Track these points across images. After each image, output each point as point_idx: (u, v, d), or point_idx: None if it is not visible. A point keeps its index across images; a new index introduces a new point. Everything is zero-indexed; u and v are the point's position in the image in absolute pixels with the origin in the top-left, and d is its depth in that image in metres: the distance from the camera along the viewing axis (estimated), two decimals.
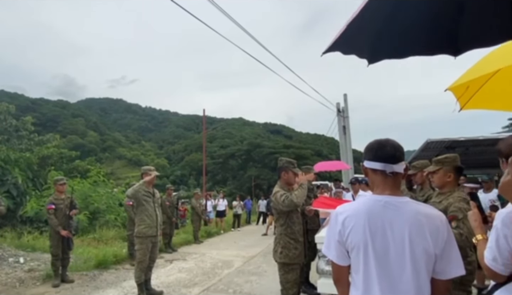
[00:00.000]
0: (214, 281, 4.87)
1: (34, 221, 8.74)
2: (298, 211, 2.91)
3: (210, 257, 6.78)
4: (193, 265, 6.02)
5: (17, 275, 4.94)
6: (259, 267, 5.80)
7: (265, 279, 4.97)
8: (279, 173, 2.95)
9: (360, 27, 1.34)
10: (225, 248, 8.00)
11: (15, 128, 17.58)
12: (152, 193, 4.18)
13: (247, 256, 6.82)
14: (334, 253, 1.19)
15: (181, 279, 4.98)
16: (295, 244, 2.77)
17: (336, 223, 1.18)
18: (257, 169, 59.35)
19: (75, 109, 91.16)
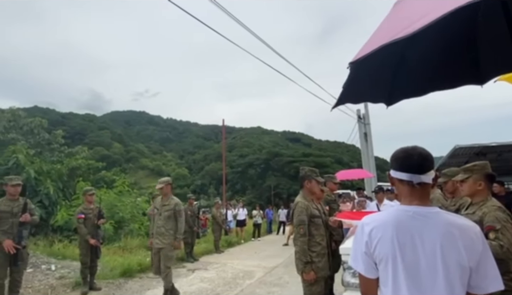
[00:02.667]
0: (236, 291, 4.85)
1: (64, 229, 9.13)
2: (322, 222, 2.86)
3: (231, 267, 6.77)
4: (215, 274, 6.03)
5: (49, 282, 5.16)
6: (280, 278, 5.71)
7: (287, 291, 4.89)
8: (302, 182, 2.93)
9: (369, 76, 1.32)
10: (246, 258, 7.96)
11: (47, 142, 18.69)
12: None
13: (268, 267, 6.74)
14: (362, 265, 1.16)
15: (203, 289, 5.00)
16: (319, 257, 2.71)
17: (362, 234, 1.16)
18: (276, 178, 59.00)
19: (101, 122, 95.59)
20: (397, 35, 0.97)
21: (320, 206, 3.01)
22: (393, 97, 1.57)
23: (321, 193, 3.22)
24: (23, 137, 17.74)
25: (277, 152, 66.95)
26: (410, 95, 1.57)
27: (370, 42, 1.16)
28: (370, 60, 1.12)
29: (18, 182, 3.91)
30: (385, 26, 1.21)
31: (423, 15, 0.91)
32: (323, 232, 2.85)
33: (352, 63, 1.14)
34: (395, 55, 1.37)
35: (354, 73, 1.22)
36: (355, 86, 1.31)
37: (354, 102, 1.50)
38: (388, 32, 1.08)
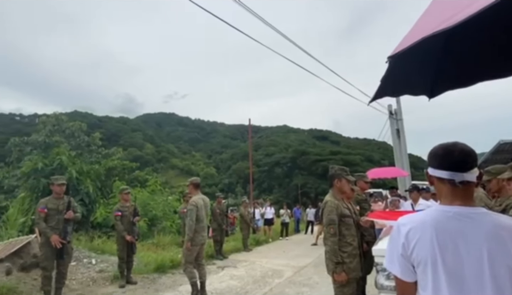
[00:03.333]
0: (265, 290, 4.87)
1: (102, 226, 9.73)
2: (353, 222, 2.78)
3: (260, 265, 6.80)
4: (244, 273, 6.10)
5: (90, 275, 5.51)
6: (310, 278, 5.64)
7: (317, 292, 4.82)
8: (331, 181, 2.86)
9: (410, 68, 1.27)
10: (274, 257, 7.97)
11: (87, 144, 20.04)
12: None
13: (297, 266, 6.69)
14: (398, 268, 1.11)
15: (233, 286, 5.08)
16: (350, 258, 2.64)
17: (399, 235, 1.11)
18: (303, 177, 58.32)
19: (134, 124, 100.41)
20: (439, 26, 0.93)
21: (350, 205, 2.93)
22: (436, 89, 1.50)
23: (351, 192, 3.13)
24: (66, 140, 19.16)
25: (304, 150, 66.13)
26: (456, 86, 1.48)
27: (410, 35, 1.13)
28: (410, 53, 1.09)
29: (63, 181, 4.23)
30: (426, 18, 1.16)
31: (468, 5, 0.86)
32: (354, 232, 2.77)
33: (391, 57, 1.11)
34: (438, 47, 1.30)
35: (393, 67, 1.18)
36: (394, 80, 1.27)
37: (393, 96, 1.46)
38: (429, 24, 1.04)
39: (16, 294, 4.25)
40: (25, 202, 9.66)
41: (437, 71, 1.43)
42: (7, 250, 5.16)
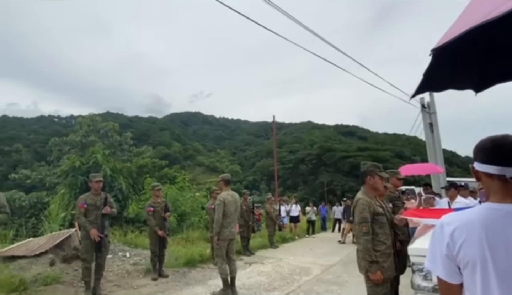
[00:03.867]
0: (293, 287, 4.85)
1: (135, 221, 10.21)
2: (386, 220, 2.68)
3: (287, 262, 6.79)
4: (271, 269, 6.12)
5: (125, 267, 5.79)
6: (339, 276, 5.54)
7: (347, 290, 4.72)
8: (364, 178, 2.77)
9: (455, 62, 1.18)
10: (301, 254, 7.91)
11: (119, 143, 21.12)
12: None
13: (325, 265, 6.59)
14: (442, 269, 1.05)
15: (261, 282, 5.11)
16: (383, 257, 2.55)
17: (442, 235, 1.05)
18: (329, 174, 57.20)
19: (162, 123, 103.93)
20: (485, 17, 0.87)
21: (383, 203, 2.82)
22: (484, 82, 1.41)
23: (384, 189, 3.01)
24: (100, 139, 20.30)
25: (330, 146, 64.77)
26: (506, 79, 1.38)
27: (455, 27, 1.06)
28: (455, 46, 1.03)
29: (100, 178, 4.48)
30: (470, 9, 1.09)
31: None
32: (388, 231, 2.66)
33: (434, 49, 1.05)
34: (485, 38, 1.22)
35: (437, 60, 1.12)
36: (438, 74, 1.20)
37: (436, 91, 1.38)
38: (474, 15, 0.97)
39: (59, 283, 4.56)
40: (65, 198, 10.38)
41: (484, 64, 1.33)
42: (50, 243, 5.56)
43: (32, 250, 5.29)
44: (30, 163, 47.62)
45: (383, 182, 2.79)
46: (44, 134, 68.73)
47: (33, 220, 12.23)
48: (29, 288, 4.16)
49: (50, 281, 4.47)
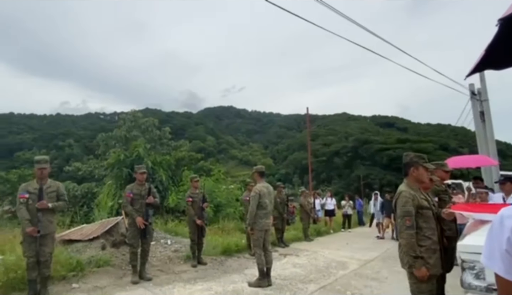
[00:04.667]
0: (330, 280, 4.79)
1: (174, 211, 10.74)
2: (432, 215, 2.52)
3: (323, 256, 6.72)
4: (306, 262, 6.10)
5: (167, 254, 6.14)
6: (378, 272, 5.36)
7: (386, 287, 4.56)
8: (407, 170, 2.63)
9: None
10: (337, 248, 7.77)
11: (158, 137, 22.27)
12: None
13: (362, 259, 6.41)
14: (501, 265, 0.97)
15: (296, 274, 5.13)
16: (428, 253, 2.41)
17: (502, 229, 0.97)
18: (366, 167, 55.06)
19: (196, 118, 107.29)
20: None
21: (429, 196, 2.65)
22: None
23: (430, 182, 2.84)
24: (141, 134, 21.58)
25: (366, 138, 62.14)
26: None
27: None
28: None
29: (144, 170, 4.78)
30: None
31: None
32: (434, 226, 2.51)
33: (502, 19, 0.92)
34: None
35: (504, 32, 0.98)
36: (504, 48, 1.07)
37: (498, 68, 1.22)
38: None
39: (110, 266, 4.98)
40: (112, 189, 11.22)
41: None
42: (101, 229, 6.06)
43: (86, 235, 5.82)
44: (81, 156, 52.13)
45: (428, 173, 2.62)
46: (91, 130, 74.61)
47: (85, 208, 13.41)
48: (84, 269, 4.60)
49: (102, 264, 4.89)
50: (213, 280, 4.70)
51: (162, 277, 4.75)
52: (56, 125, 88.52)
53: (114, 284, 4.32)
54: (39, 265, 3.66)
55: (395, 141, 58.03)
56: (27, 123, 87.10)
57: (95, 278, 4.46)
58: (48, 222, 3.74)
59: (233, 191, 12.21)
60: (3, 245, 5.27)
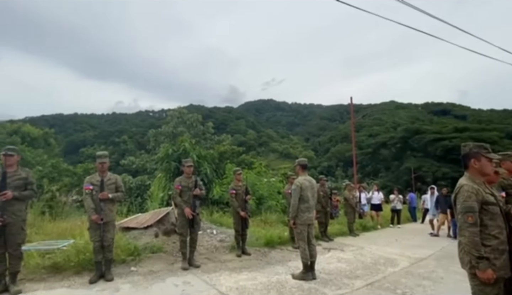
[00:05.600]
0: (378, 277, 4.59)
1: (218, 202, 11.15)
2: (500, 211, 2.26)
3: (369, 251, 6.45)
4: (352, 257, 5.92)
5: (213, 243, 6.43)
6: (432, 271, 4.99)
7: (442, 287, 4.23)
8: (467, 162, 2.38)
9: None
10: (385, 244, 7.40)
11: (202, 132, 23.28)
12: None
13: (414, 257, 6.02)
14: None
15: (342, 269, 5.01)
16: (495, 253, 2.17)
17: None
18: (417, 159, 51.15)
19: (237, 112, 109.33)
20: None
21: (494, 191, 2.37)
22: None
23: (495, 174, 2.53)
24: (187, 130, 22.74)
25: (418, 128, 57.46)
26: None
27: None
28: None
29: (191, 163, 5.04)
30: None
31: None
32: (502, 224, 2.24)
33: None
34: None
35: None
36: None
37: None
38: None
39: (162, 252, 5.37)
40: (162, 181, 12.00)
41: None
42: (154, 218, 6.56)
43: (141, 223, 6.34)
44: (134, 151, 56.68)
45: (492, 165, 2.34)
46: (142, 126, 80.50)
47: (139, 199, 14.61)
48: (141, 254, 5.03)
49: (156, 250, 5.31)
50: (257, 270, 4.81)
51: (209, 265, 5.00)
52: (112, 123, 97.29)
53: (167, 269, 4.65)
54: (103, 249, 4.10)
55: (451, 130, 52.79)
56: (88, 122, 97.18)
57: (150, 263, 4.86)
58: (109, 211, 4.16)
59: (274, 183, 12.26)
60: (73, 231, 6.01)
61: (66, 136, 77.70)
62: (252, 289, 3.90)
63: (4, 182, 3.51)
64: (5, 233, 3.46)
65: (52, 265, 4.23)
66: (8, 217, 3.47)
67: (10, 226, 3.49)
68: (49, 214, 7.71)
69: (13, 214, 3.53)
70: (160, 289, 3.85)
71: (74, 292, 3.66)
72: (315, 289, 3.96)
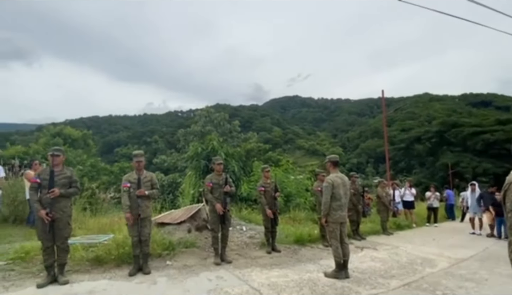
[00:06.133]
0: (415, 278, 4.40)
1: (247, 199, 11.25)
2: None
3: (405, 251, 6.19)
4: (386, 256, 5.71)
5: (243, 239, 6.49)
6: (475, 273, 4.68)
7: (486, 290, 3.95)
8: None
9: None
10: (421, 244, 7.06)
11: (229, 130, 23.65)
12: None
13: (454, 258, 5.69)
14: None
15: (376, 268, 4.86)
16: None
17: None
18: (455, 154, 48.02)
19: (262, 110, 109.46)
20: None
21: None
22: None
23: None
24: (214, 128, 23.21)
25: (455, 121, 53.85)
26: None
27: None
28: None
29: (221, 161, 5.15)
30: None
31: None
32: None
33: None
34: None
35: None
36: None
37: None
38: None
39: (195, 247, 5.53)
40: (192, 178, 12.34)
41: None
42: (186, 214, 6.76)
43: (174, 219, 6.58)
44: (165, 150, 58.86)
45: None
46: (172, 126, 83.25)
47: (171, 196, 15.15)
48: (175, 249, 5.22)
49: (189, 245, 5.48)
50: (288, 267, 4.80)
51: (240, 261, 5.07)
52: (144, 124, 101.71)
53: (200, 264, 4.80)
54: (141, 243, 4.32)
55: (493, 122, 48.86)
56: (122, 123, 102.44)
57: (184, 257, 5.03)
58: (145, 207, 4.36)
59: (302, 181, 12.13)
60: (113, 226, 6.38)
61: (102, 137, 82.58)
62: (284, 286, 3.90)
63: (52, 180, 3.75)
64: (54, 227, 3.70)
65: (94, 258, 4.52)
66: (56, 213, 3.72)
67: (58, 221, 3.73)
68: (90, 210, 8.25)
69: (60, 210, 3.77)
70: (195, 283, 3.97)
71: (115, 284, 3.89)
72: (348, 288, 3.88)
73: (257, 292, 3.68)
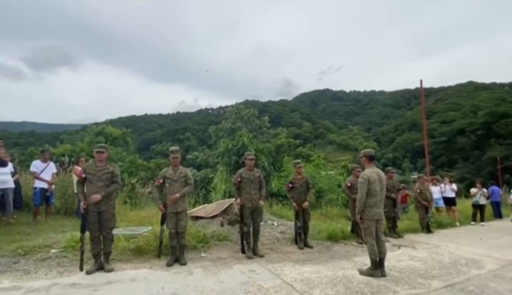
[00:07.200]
0: (460, 279, 4.12)
1: (277, 195, 11.28)
2: None
3: (447, 250, 5.81)
4: (426, 255, 5.41)
5: (274, 234, 6.52)
6: None
7: None
8: None
9: None
10: (466, 243, 6.58)
11: (259, 126, 23.76)
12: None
13: (504, 259, 5.23)
14: None
15: (415, 267, 4.62)
16: None
17: None
18: (504, 147, 43.95)
19: (292, 105, 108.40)
20: None
21: None
22: None
23: None
24: (244, 125, 23.47)
25: (505, 111, 49.16)
26: None
27: None
28: None
29: (252, 156, 5.20)
30: None
31: None
32: None
33: None
34: None
35: None
36: None
37: None
38: None
39: (228, 241, 5.67)
40: (223, 174, 12.65)
41: None
42: (219, 209, 6.94)
43: (208, 213, 6.79)
44: (197, 147, 60.71)
45: None
46: (203, 124, 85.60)
47: (203, 191, 15.63)
48: (209, 242, 5.40)
49: (222, 238, 5.63)
50: (321, 263, 4.74)
51: (272, 255, 5.11)
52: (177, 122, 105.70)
53: (233, 257, 4.91)
54: (177, 235, 4.52)
55: None
56: (157, 122, 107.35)
57: (218, 250, 5.18)
58: (182, 201, 4.55)
59: (334, 176, 11.86)
60: (151, 219, 6.73)
61: (139, 135, 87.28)
62: (317, 282, 3.87)
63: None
64: (100, 218, 4.01)
65: (135, 248, 4.81)
66: (102, 205, 4.01)
67: (104, 212, 4.03)
68: (130, 204, 8.78)
69: (106, 202, 4.07)
70: (229, 275, 4.08)
71: (155, 273, 4.11)
72: (385, 287, 3.75)
73: (290, 287, 3.69)
